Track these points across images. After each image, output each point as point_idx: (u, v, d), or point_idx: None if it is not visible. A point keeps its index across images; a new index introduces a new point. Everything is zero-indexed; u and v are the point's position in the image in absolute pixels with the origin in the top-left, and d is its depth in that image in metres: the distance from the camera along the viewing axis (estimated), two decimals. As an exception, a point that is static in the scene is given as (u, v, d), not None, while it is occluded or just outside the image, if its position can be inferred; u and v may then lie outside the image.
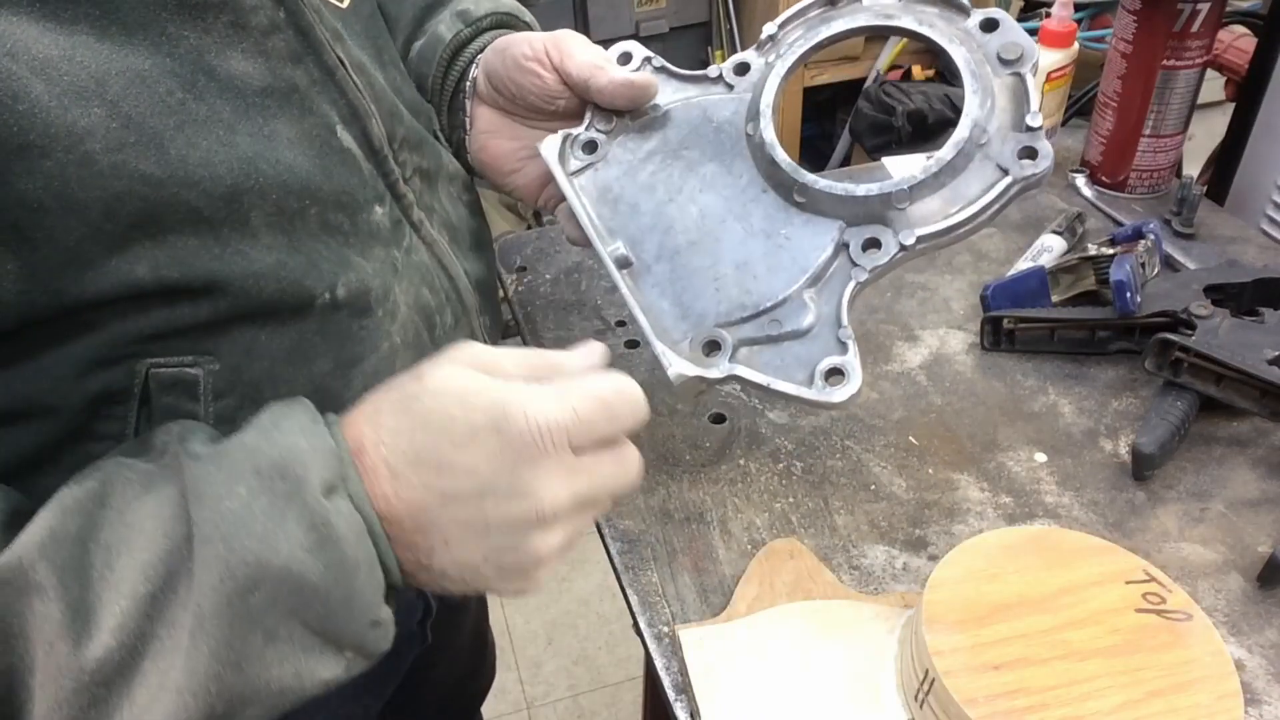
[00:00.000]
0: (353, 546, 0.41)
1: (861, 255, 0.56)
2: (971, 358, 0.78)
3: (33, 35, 0.38)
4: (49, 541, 0.38)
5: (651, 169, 0.62)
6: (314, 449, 0.42)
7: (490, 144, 0.68)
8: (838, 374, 0.55)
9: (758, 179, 0.60)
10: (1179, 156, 0.96)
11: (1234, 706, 0.47)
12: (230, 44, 0.45)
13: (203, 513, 0.39)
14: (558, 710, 1.75)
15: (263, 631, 0.40)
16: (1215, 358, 0.66)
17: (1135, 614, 0.51)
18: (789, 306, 0.57)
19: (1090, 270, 0.78)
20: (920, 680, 0.50)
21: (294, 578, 0.40)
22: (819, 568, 0.60)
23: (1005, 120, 0.56)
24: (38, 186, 0.39)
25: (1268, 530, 0.62)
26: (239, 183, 0.45)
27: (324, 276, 0.49)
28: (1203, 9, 0.85)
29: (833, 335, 0.56)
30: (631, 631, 0.61)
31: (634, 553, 0.63)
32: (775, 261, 0.58)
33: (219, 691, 0.39)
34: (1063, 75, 0.96)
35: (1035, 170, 0.55)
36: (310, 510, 0.40)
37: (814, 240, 0.57)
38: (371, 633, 0.43)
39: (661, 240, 0.60)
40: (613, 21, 2.23)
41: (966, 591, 0.52)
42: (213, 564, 0.39)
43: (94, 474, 0.41)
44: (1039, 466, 0.68)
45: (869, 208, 0.56)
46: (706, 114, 0.63)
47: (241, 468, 0.41)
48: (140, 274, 0.42)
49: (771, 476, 0.68)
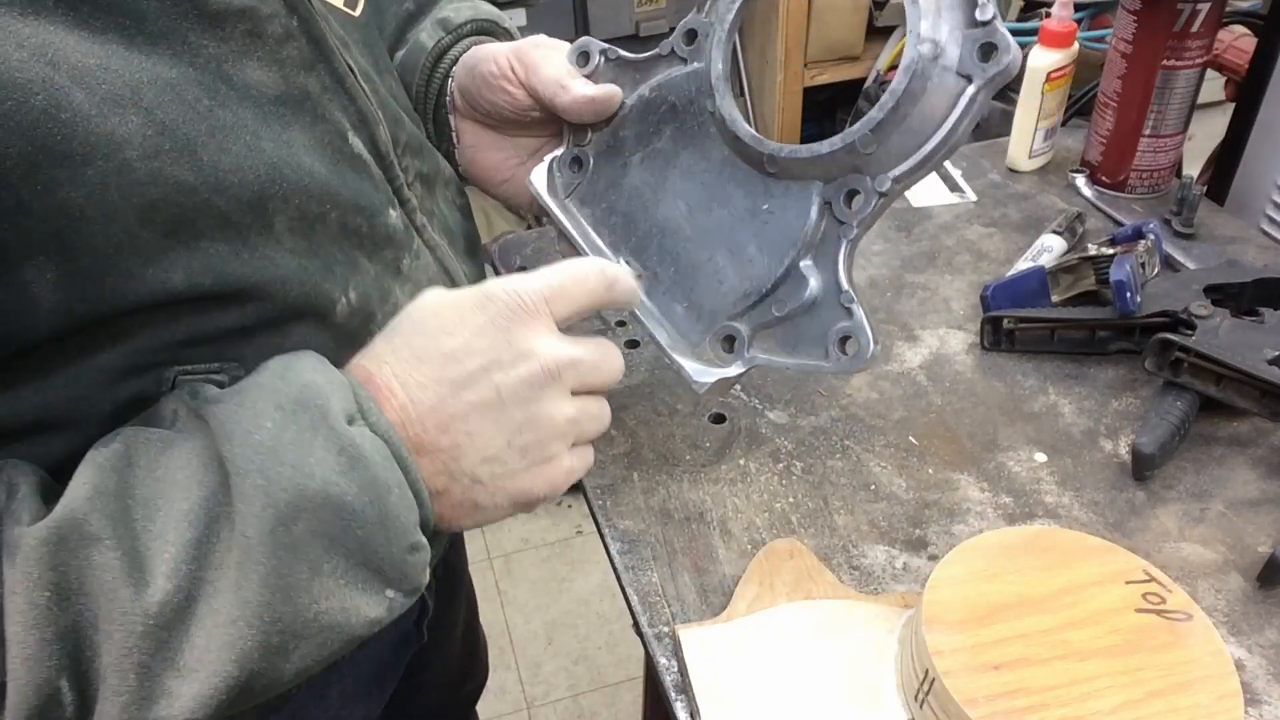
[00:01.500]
0: (382, 469, 0.43)
1: (845, 211, 0.54)
2: (971, 358, 0.78)
3: (70, 44, 0.38)
4: (96, 496, 0.39)
5: (634, 173, 0.62)
6: (330, 383, 0.44)
7: (478, 157, 0.68)
8: (849, 338, 0.54)
9: (730, 156, 0.59)
10: (1179, 156, 0.96)
11: (1234, 706, 0.47)
12: (247, 53, 0.45)
13: (234, 449, 0.41)
14: (558, 710, 1.75)
15: (308, 564, 0.41)
16: (1215, 358, 0.66)
17: (1135, 614, 0.51)
18: (789, 283, 0.56)
19: (1090, 270, 0.78)
20: (920, 680, 0.50)
21: (332, 501, 0.41)
22: (819, 568, 0.60)
23: (957, 20, 0.51)
24: (79, 195, 0.39)
25: (1268, 530, 0.62)
26: (265, 188, 0.45)
27: (339, 280, 0.50)
28: (1203, 9, 0.85)
29: (837, 302, 0.55)
30: (631, 631, 0.61)
31: (634, 553, 0.63)
32: (765, 240, 0.57)
33: (272, 621, 0.40)
34: (1063, 75, 0.96)
35: (998, 68, 0.50)
36: (337, 436, 0.42)
37: (797, 207, 0.56)
38: (411, 559, 0.44)
39: (661, 244, 0.60)
40: (613, 21, 2.23)
41: (966, 591, 0.52)
42: (253, 495, 0.40)
43: (114, 439, 0.42)
44: (1039, 466, 0.68)
45: (838, 161, 0.54)
46: (668, 99, 0.61)
47: (263, 405, 0.42)
48: (175, 282, 0.43)
49: (771, 476, 0.68)
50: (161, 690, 0.39)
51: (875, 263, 0.90)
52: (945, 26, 0.51)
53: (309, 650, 0.42)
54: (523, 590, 1.93)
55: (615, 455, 0.70)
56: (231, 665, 0.40)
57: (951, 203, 0.98)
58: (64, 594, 0.38)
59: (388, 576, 0.44)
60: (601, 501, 0.66)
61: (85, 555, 0.38)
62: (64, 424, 0.44)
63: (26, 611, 0.37)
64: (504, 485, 0.48)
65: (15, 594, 0.37)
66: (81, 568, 0.38)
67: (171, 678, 0.39)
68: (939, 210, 0.97)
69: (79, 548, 0.38)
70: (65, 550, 0.38)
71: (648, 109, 0.62)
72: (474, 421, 0.46)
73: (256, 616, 0.40)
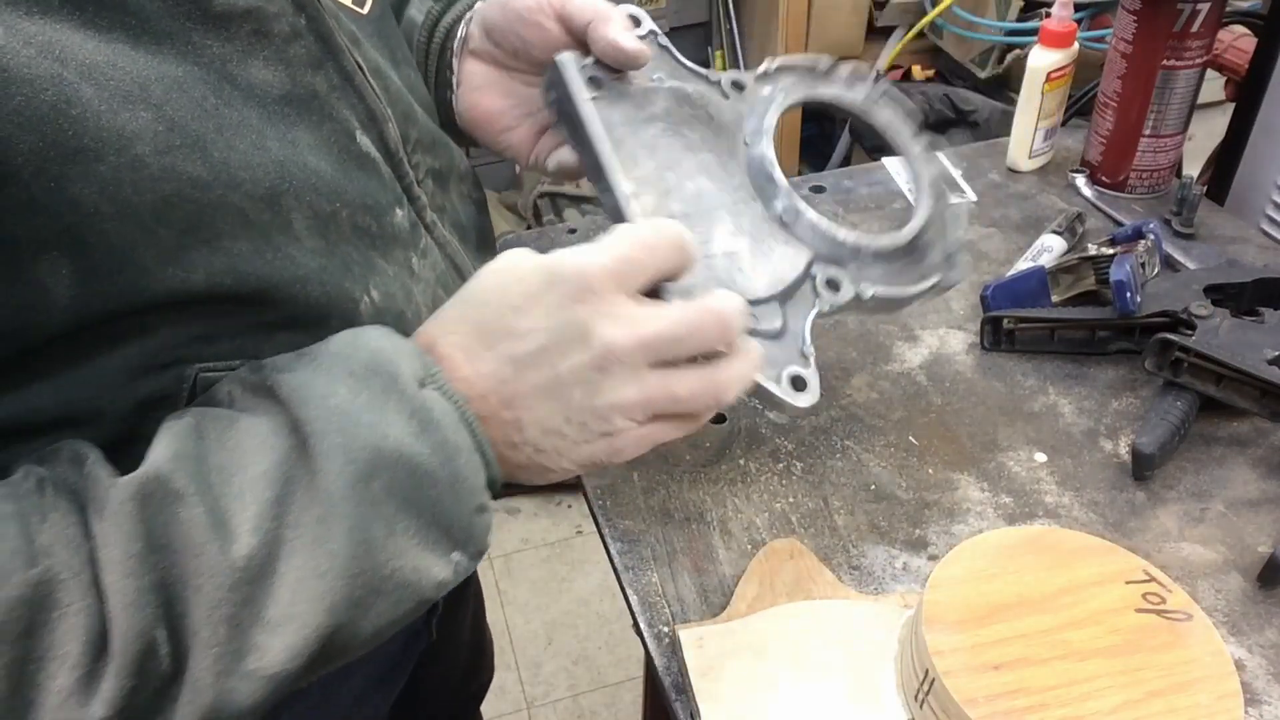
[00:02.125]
0: (452, 431, 0.44)
1: (824, 290, 0.59)
2: (971, 358, 0.78)
3: (77, 42, 0.38)
4: (176, 458, 0.40)
5: (654, 132, 0.61)
6: (397, 350, 0.44)
7: (482, 100, 0.67)
8: (801, 383, 0.56)
9: (748, 186, 0.61)
10: (1179, 156, 0.96)
11: (1234, 706, 0.47)
12: (252, 53, 0.45)
13: (311, 411, 0.41)
14: (558, 710, 1.75)
15: (384, 521, 0.42)
16: (1215, 358, 0.66)
17: (1135, 614, 0.51)
18: (765, 308, 0.57)
19: (1090, 270, 0.78)
20: (920, 680, 0.50)
21: (407, 460, 0.42)
22: (819, 568, 0.60)
23: (939, 232, 0.67)
24: (92, 191, 0.39)
25: (1268, 530, 0.62)
26: (276, 185, 0.45)
27: (358, 280, 0.50)
28: (1203, 9, 0.85)
29: (797, 348, 0.57)
30: (631, 631, 0.61)
31: (634, 553, 0.63)
32: (758, 265, 0.58)
33: (356, 574, 0.41)
34: (1063, 75, 0.96)
35: (954, 278, 0.66)
36: (409, 399, 0.43)
37: (790, 260, 0.59)
38: (478, 519, 0.45)
39: (659, 201, 0.59)
40: (613, 21, 2.23)
41: (966, 591, 0.52)
42: (334, 453, 0.41)
43: (184, 415, 0.42)
44: (1039, 466, 0.68)
45: (840, 251, 0.61)
46: (707, 108, 0.63)
47: (336, 371, 0.43)
48: (196, 280, 0.43)
49: (771, 476, 0.68)
50: (251, 644, 0.40)
51: (875, 263, 0.90)
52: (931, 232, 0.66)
53: (385, 608, 0.43)
54: (523, 590, 1.93)
55: (615, 455, 0.70)
56: (323, 616, 0.40)
57: (952, 202, 0.98)
58: (155, 546, 0.38)
59: (455, 538, 0.45)
60: (601, 501, 0.66)
61: (172, 510, 0.39)
62: (85, 420, 0.44)
63: (122, 561, 0.37)
64: (567, 453, 0.48)
65: (109, 545, 0.37)
66: (168, 522, 0.38)
67: (260, 632, 0.40)
68: (939, 210, 0.97)
69: (165, 503, 0.39)
70: (152, 505, 0.38)
71: (684, 100, 0.62)
72: (533, 400, 0.46)
73: (344, 569, 0.41)
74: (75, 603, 0.36)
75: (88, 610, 0.37)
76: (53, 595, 0.36)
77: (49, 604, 0.36)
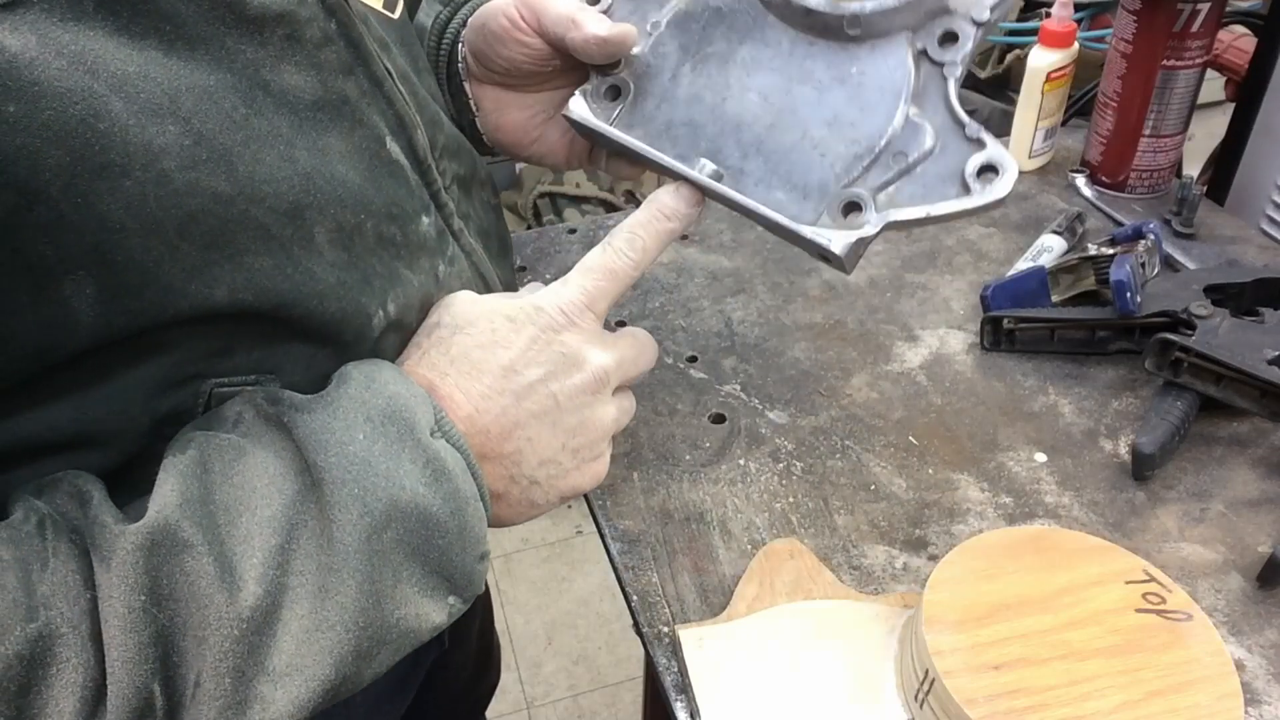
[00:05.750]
0: (462, 480, 0.45)
1: (942, 53, 0.54)
2: (971, 358, 0.78)
3: (110, 51, 0.37)
4: (185, 504, 0.40)
5: (686, 82, 0.59)
6: (413, 396, 0.45)
7: (504, 121, 0.67)
8: (990, 170, 0.52)
9: (800, 36, 0.57)
10: (1179, 156, 0.96)
11: (1234, 706, 0.47)
12: (284, 57, 0.44)
13: (329, 458, 0.42)
14: (558, 710, 1.75)
15: (392, 571, 0.43)
16: (1215, 358, 0.66)
17: (1135, 614, 0.51)
18: (904, 134, 0.54)
19: (1090, 270, 0.78)
20: (920, 680, 0.50)
21: (420, 512, 0.43)
22: (819, 568, 0.60)
23: None
24: (118, 207, 0.38)
25: (1268, 530, 0.62)
26: (300, 199, 0.44)
27: (376, 293, 0.49)
28: (1203, 9, 0.85)
29: (960, 139, 0.53)
30: (631, 631, 0.61)
31: (634, 553, 0.63)
32: (863, 101, 0.55)
33: (365, 626, 0.42)
34: (1063, 75, 0.96)
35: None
36: (423, 449, 0.44)
37: (889, 62, 0.55)
38: (479, 566, 0.47)
39: (738, 139, 0.57)
40: (613, 21, 2.23)
41: (966, 591, 0.52)
42: (349, 504, 0.41)
43: (188, 445, 0.42)
44: (1039, 466, 0.68)
45: (926, 5, 0.54)
46: (706, 4, 0.59)
47: (354, 416, 0.44)
48: (218, 296, 0.42)
49: (771, 476, 0.68)
50: (255, 695, 0.39)
51: (875, 263, 0.90)
52: None
53: (387, 655, 0.44)
54: (523, 590, 1.93)
55: (615, 455, 0.69)
56: (329, 669, 0.41)
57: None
58: (158, 599, 0.38)
59: (456, 584, 0.46)
60: (601, 501, 0.66)
61: (179, 561, 0.39)
62: (102, 439, 0.43)
63: (124, 615, 0.37)
64: (557, 484, 0.51)
65: (112, 598, 0.37)
66: (174, 574, 0.38)
67: (264, 683, 0.40)
68: (939, 210, 0.97)
69: (172, 554, 0.38)
70: (159, 556, 0.38)
71: (687, 20, 0.60)
72: (533, 428, 0.49)
73: (354, 622, 0.41)
74: (73, 659, 0.36)
75: (85, 666, 0.37)
76: (51, 650, 0.36)
77: (47, 659, 0.36)
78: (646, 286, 0.87)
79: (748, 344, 0.80)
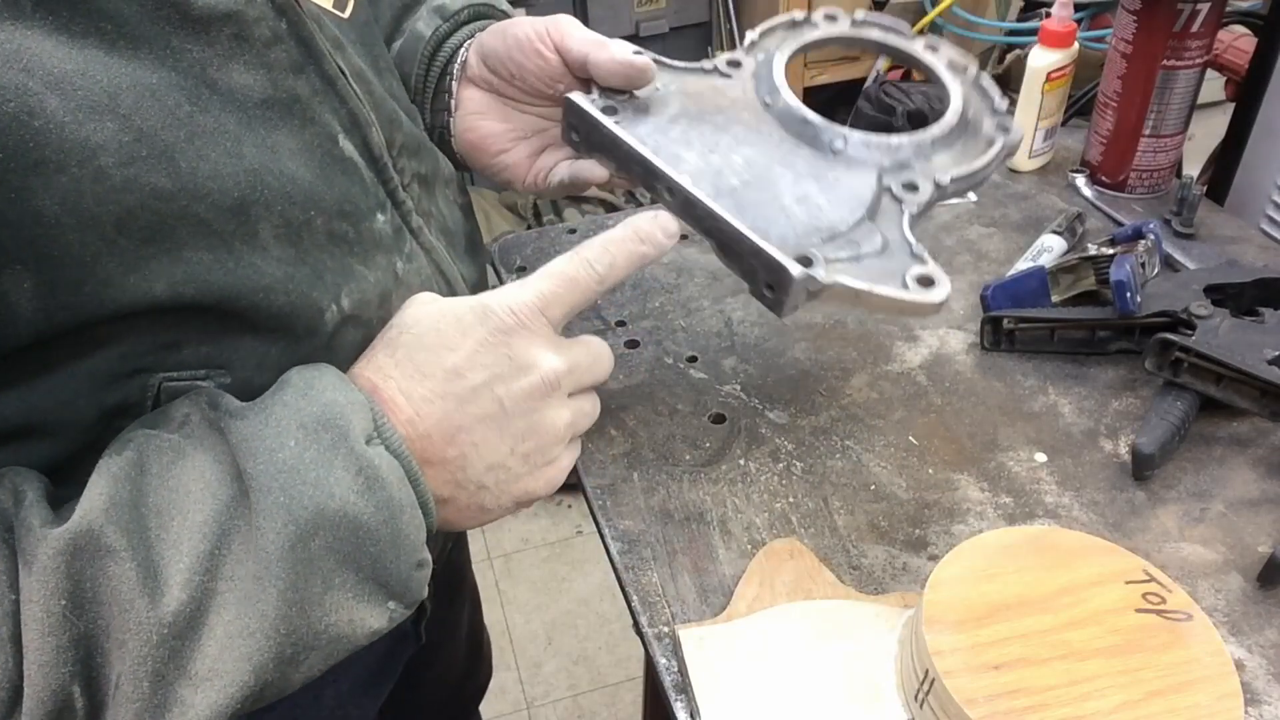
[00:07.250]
0: (396, 489, 0.44)
1: (903, 193, 0.62)
2: (971, 358, 0.78)
3: (47, 49, 0.38)
4: (111, 507, 0.40)
5: (680, 130, 0.63)
6: (350, 403, 0.45)
7: (480, 124, 0.68)
8: (928, 280, 0.57)
9: (789, 139, 0.64)
10: (1179, 156, 0.96)
11: (1234, 706, 0.47)
12: (232, 56, 0.45)
13: (258, 465, 0.42)
14: (558, 710, 1.75)
15: (321, 578, 0.42)
16: (1215, 358, 0.66)
17: (1135, 614, 0.51)
18: (860, 231, 0.59)
19: (1090, 270, 0.78)
20: (920, 680, 0.50)
21: (349, 520, 0.43)
22: (819, 568, 0.60)
23: (980, 107, 0.69)
24: (53, 203, 0.38)
25: (1268, 530, 0.62)
26: (246, 195, 0.45)
27: (329, 288, 0.50)
28: (1203, 9, 0.85)
29: (907, 253, 0.59)
30: (631, 631, 0.61)
31: (634, 553, 0.63)
32: (833, 196, 0.60)
33: (287, 634, 0.42)
34: (1063, 75, 0.96)
35: (1015, 137, 0.67)
36: (356, 457, 0.44)
37: (860, 180, 0.62)
38: (416, 574, 0.46)
39: (715, 181, 0.60)
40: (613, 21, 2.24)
41: (966, 591, 0.52)
42: (275, 512, 0.41)
43: (126, 445, 0.42)
44: (1039, 466, 0.68)
45: (901, 155, 0.63)
46: (715, 91, 0.65)
47: (287, 424, 0.43)
48: (158, 290, 0.42)
49: (771, 476, 0.68)
50: (175, 699, 0.40)
51: (875, 263, 0.90)
52: (973, 107, 0.69)
53: (316, 660, 0.44)
54: (523, 590, 1.93)
55: (615, 455, 0.70)
56: (249, 675, 0.41)
57: (951, 203, 0.98)
58: (79, 603, 0.38)
59: (393, 590, 0.45)
60: (601, 501, 0.66)
61: (101, 566, 0.39)
62: (49, 430, 0.44)
63: (43, 619, 0.38)
64: (508, 489, 0.50)
65: (32, 601, 0.38)
66: (97, 578, 0.39)
67: (184, 687, 0.40)
68: (939, 210, 0.97)
69: (95, 559, 0.39)
70: (81, 561, 0.38)
71: (693, 95, 0.65)
72: (479, 433, 0.48)
73: (274, 629, 0.41)
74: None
75: (3, 666, 0.37)
76: None
77: None
78: (646, 286, 0.87)
79: (748, 344, 0.80)
